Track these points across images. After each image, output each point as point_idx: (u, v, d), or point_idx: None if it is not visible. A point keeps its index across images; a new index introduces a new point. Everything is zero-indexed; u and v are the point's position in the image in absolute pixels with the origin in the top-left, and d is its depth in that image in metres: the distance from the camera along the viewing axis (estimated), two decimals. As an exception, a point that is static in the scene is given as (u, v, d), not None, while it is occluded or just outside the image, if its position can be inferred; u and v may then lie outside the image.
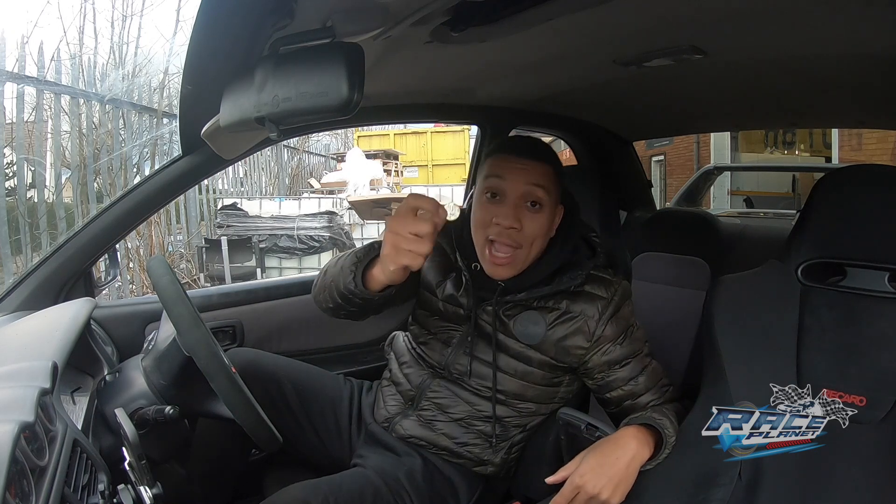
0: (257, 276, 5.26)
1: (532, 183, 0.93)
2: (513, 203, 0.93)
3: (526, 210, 0.94)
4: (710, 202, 6.50)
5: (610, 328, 0.97)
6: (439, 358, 1.05)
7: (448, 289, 1.05)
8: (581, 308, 0.97)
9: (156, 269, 0.93)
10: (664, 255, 1.68)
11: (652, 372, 0.99)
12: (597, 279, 0.99)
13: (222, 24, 0.64)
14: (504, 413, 1.03)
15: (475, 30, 0.83)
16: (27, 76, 3.43)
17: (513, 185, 0.93)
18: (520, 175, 0.93)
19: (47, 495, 0.63)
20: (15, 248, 3.20)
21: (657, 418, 0.90)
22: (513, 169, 0.94)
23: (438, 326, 1.06)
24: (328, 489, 0.92)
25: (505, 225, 0.92)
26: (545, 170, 0.95)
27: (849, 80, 1.16)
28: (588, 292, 0.98)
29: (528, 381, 1.01)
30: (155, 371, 0.97)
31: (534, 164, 0.94)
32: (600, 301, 0.97)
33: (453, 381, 1.04)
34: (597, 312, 0.97)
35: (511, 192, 0.93)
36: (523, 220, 0.93)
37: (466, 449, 1.02)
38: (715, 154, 7.61)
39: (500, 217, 0.93)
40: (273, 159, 7.62)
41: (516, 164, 0.94)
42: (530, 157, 0.94)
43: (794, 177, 6.73)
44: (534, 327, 0.98)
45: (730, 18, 0.87)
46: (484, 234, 0.95)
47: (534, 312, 0.98)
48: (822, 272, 0.88)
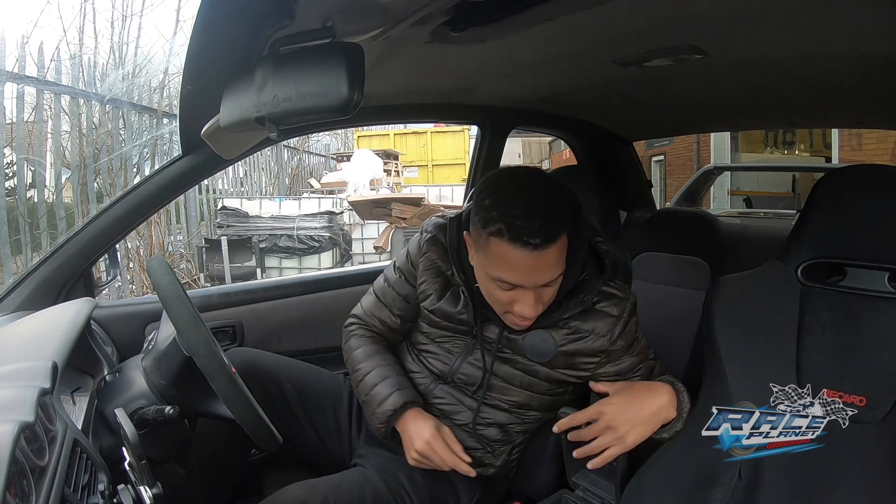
0: (257, 276, 5.26)
1: (548, 268, 0.85)
2: (533, 297, 0.87)
3: (544, 289, 0.88)
4: (710, 202, 6.50)
5: (620, 342, 0.96)
6: (442, 367, 1.04)
7: (447, 305, 1.01)
8: (592, 326, 0.95)
9: (156, 269, 0.93)
10: (664, 255, 1.67)
11: (660, 373, 0.99)
12: (607, 296, 0.96)
13: (222, 24, 0.65)
14: (508, 420, 1.03)
15: (475, 30, 0.83)
16: (27, 76, 3.43)
17: (530, 280, 0.85)
18: (536, 274, 0.84)
19: (47, 495, 0.63)
20: (15, 248, 3.20)
21: (681, 390, 0.92)
22: (527, 269, 0.83)
23: (441, 336, 1.05)
24: (328, 489, 0.92)
25: (529, 316, 0.89)
26: (560, 245, 0.84)
27: (849, 80, 1.16)
28: (598, 311, 0.95)
29: (534, 392, 1.01)
30: (155, 371, 0.97)
31: (548, 251, 0.82)
32: (611, 319, 0.95)
33: (457, 388, 1.03)
34: (608, 331, 0.95)
35: (529, 285, 0.86)
36: (543, 297, 0.88)
37: (469, 453, 1.02)
38: (715, 154, 7.60)
39: (520, 307, 0.88)
40: (273, 159, 7.62)
41: (529, 260, 0.82)
42: (543, 246, 0.81)
43: (794, 177, 6.73)
44: (543, 345, 0.95)
45: (730, 18, 0.87)
46: (501, 309, 0.91)
47: (542, 331, 0.95)
48: (822, 272, 0.88)
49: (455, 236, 0.99)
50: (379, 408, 0.99)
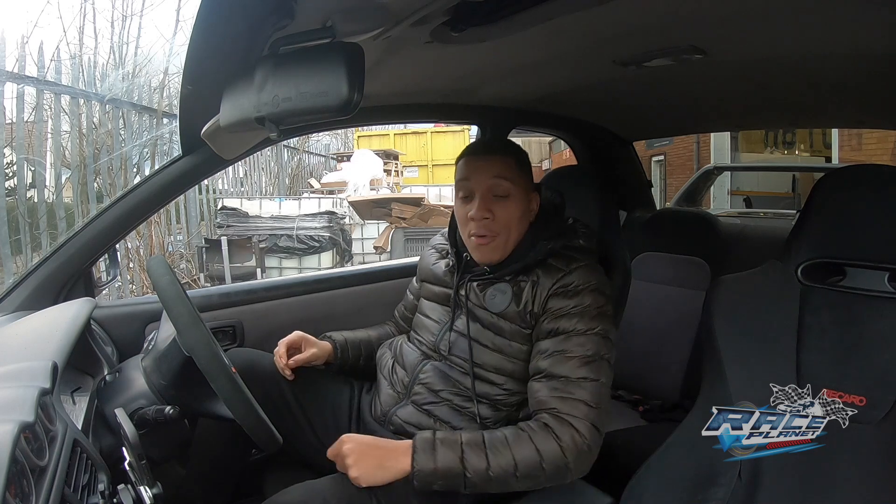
0: (257, 276, 5.26)
1: (494, 176, 1.01)
2: (481, 198, 1.01)
3: (494, 201, 1.01)
4: (710, 202, 6.50)
5: (558, 301, 0.97)
6: (430, 338, 1.09)
7: (437, 269, 1.15)
8: (539, 277, 1.01)
9: (156, 269, 0.93)
10: (664, 255, 1.68)
11: (574, 364, 0.92)
12: (563, 256, 1.02)
13: (222, 25, 0.65)
14: (488, 390, 1.02)
15: (475, 30, 0.83)
16: (27, 76, 3.43)
17: (477, 182, 1.02)
18: (482, 172, 1.02)
19: (47, 495, 0.63)
20: (15, 248, 3.20)
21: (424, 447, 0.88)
22: (475, 168, 1.03)
23: (430, 309, 1.13)
24: (328, 491, 0.92)
25: (477, 217, 1.01)
26: (505, 161, 1.02)
27: (849, 80, 1.17)
28: (549, 264, 1.01)
29: (504, 355, 1.02)
30: (155, 371, 0.97)
31: (493, 158, 1.03)
32: (556, 273, 1.00)
33: (441, 361, 1.06)
34: (549, 283, 0.99)
35: (477, 188, 1.02)
36: (494, 210, 1.01)
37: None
38: (715, 154, 7.60)
39: (472, 212, 1.01)
40: (273, 159, 7.62)
41: (477, 162, 1.03)
42: (488, 153, 1.04)
43: (794, 177, 6.74)
44: (500, 296, 1.03)
45: (730, 18, 0.87)
46: (466, 231, 1.04)
47: (502, 284, 1.04)
48: (822, 272, 0.88)
49: (454, 221, 1.12)
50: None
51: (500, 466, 0.87)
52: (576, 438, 0.87)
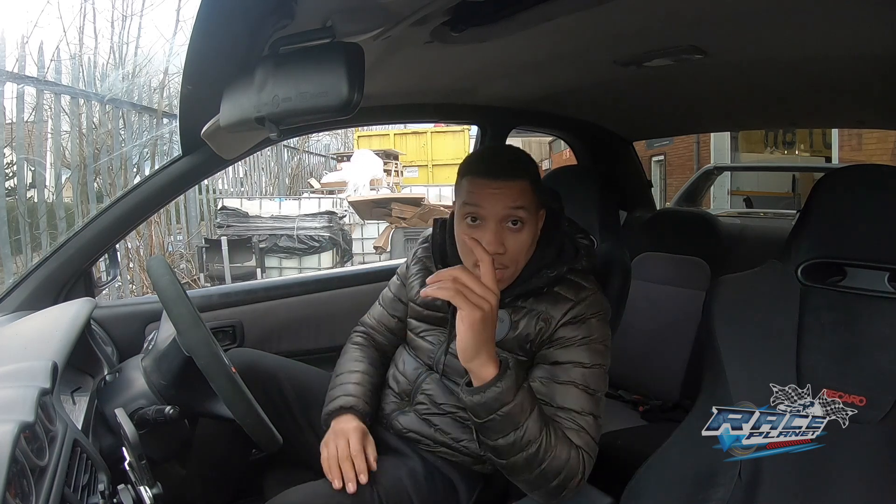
0: (257, 276, 5.26)
1: (511, 206, 0.90)
2: (494, 231, 0.90)
3: (508, 231, 0.92)
4: (710, 202, 6.50)
5: (567, 331, 0.94)
6: (427, 358, 1.07)
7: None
8: (545, 307, 0.95)
9: (156, 269, 0.93)
10: (664, 255, 1.68)
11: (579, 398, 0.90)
12: (571, 284, 0.97)
13: (222, 25, 0.65)
14: None
15: (475, 30, 0.83)
16: (27, 76, 3.43)
17: (491, 210, 0.91)
18: (497, 200, 0.90)
19: (47, 495, 0.63)
20: (15, 248, 3.20)
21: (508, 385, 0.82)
22: (489, 195, 0.90)
23: (425, 329, 1.08)
24: (328, 492, 0.92)
25: (489, 252, 0.88)
26: (522, 186, 0.91)
27: (849, 80, 1.17)
28: (556, 293, 0.96)
29: None
30: (155, 371, 0.97)
31: (510, 184, 0.90)
32: (565, 303, 0.95)
33: (443, 376, 1.05)
34: (559, 314, 0.95)
35: (491, 217, 0.91)
36: (506, 241, 0.91)
37: (463, 444, 1.02)
38: (715, 154, 7.60)
39: (483, 243, 0.89)
40: (273, 159, 7.62)
41: (492, 188, 0.90)
42: (504, 178, 0.91)
43: (794, 177, 6.74)
44: (498, 324, 0.93)
45: (730, 18, 0.88)
46: (471, 259, 0.91)
47: (501, 311, 0.95)
48: (822, 272, 0.88)
49: (440, 234, 1.06)
50: (325, 408, 1.06)
51: (542, 449, 0.83)
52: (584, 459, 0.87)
